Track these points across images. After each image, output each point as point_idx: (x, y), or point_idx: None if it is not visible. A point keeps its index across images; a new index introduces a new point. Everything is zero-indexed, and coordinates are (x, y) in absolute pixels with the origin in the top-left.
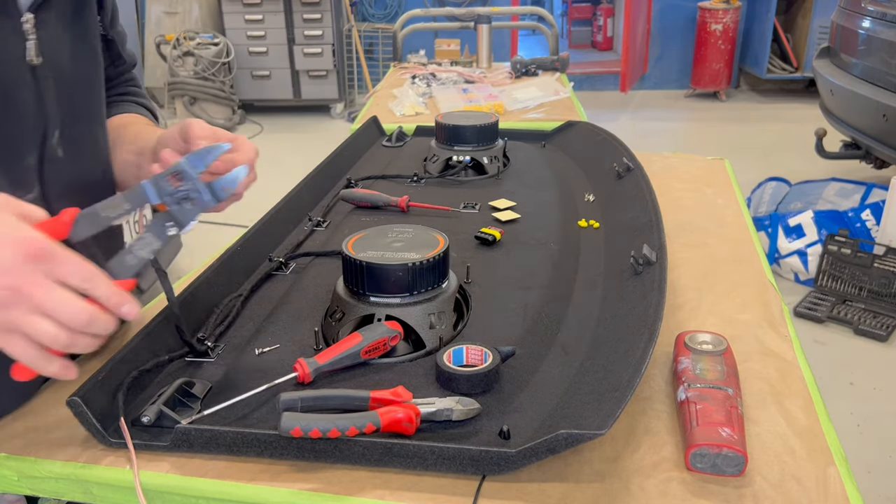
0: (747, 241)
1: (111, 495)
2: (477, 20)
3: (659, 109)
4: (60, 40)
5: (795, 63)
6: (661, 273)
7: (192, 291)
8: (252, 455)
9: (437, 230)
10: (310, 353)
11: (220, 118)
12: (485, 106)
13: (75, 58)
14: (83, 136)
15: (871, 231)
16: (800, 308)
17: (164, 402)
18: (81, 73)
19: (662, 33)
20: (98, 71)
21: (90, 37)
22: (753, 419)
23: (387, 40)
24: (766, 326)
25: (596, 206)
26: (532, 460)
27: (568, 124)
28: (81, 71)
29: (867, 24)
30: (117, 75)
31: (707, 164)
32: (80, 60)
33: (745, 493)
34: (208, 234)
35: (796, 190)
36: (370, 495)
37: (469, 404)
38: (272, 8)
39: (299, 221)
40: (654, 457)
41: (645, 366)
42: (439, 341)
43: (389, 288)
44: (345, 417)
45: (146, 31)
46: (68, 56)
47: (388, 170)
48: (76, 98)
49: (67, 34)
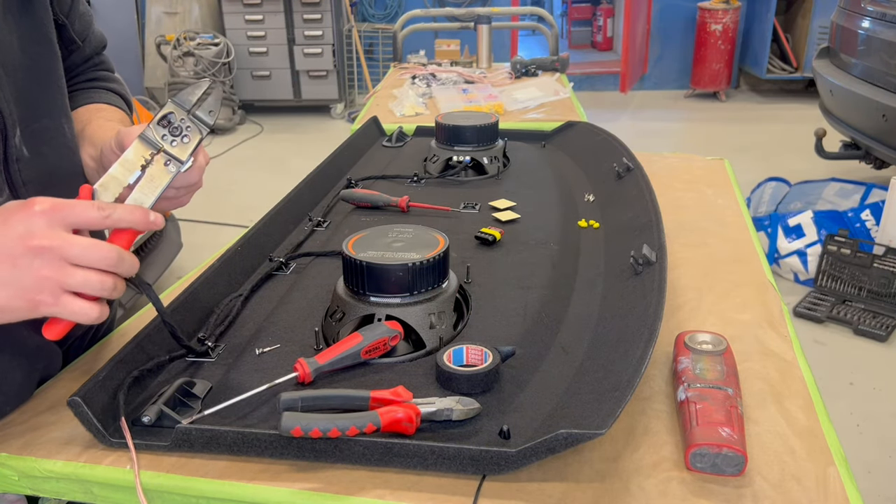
0: (747, 241)
1: (112, 495)
2: (477, 20)
3: (659, 109)
4: (9, 36)
5: (795, 63)
6: (661, 273)
7: (192, 291)
8: (252, 455)
9: (438, 230)
10: (310, 352)
11: (220, 118)
12: (485, 106)
13: (27, 52)
14: (47, 131)
15: (870, 231)
16: (799, 308)
17: (164, 402)
18: (36, 67)
19: (662, 33)
20: (55, 62)
21: (43, 28)
22: (753, 419)
23: (387, 40)
24: (766, 326)
25: (596, 206)
26: (532, 460)
27: (568, 124)
28: (36, 65)
29: (867, 24)
30: (83, 60)
31: (707, 164)
32: (33, 54)
33: (744, 492)
34: (208, 234)
35: (796, 190)
36: (370, 495)
37: (469, 404)
38: (272, 8)
39: (299, 221)
40: (653, 456)
41: (645, 366)
42: (439, 341)
43: (389, 288)
44: (345, 417)
45: (146, 31)
46: (19, 51)
47: (388, 170)
48: (34, 94)
49: (16, 29)
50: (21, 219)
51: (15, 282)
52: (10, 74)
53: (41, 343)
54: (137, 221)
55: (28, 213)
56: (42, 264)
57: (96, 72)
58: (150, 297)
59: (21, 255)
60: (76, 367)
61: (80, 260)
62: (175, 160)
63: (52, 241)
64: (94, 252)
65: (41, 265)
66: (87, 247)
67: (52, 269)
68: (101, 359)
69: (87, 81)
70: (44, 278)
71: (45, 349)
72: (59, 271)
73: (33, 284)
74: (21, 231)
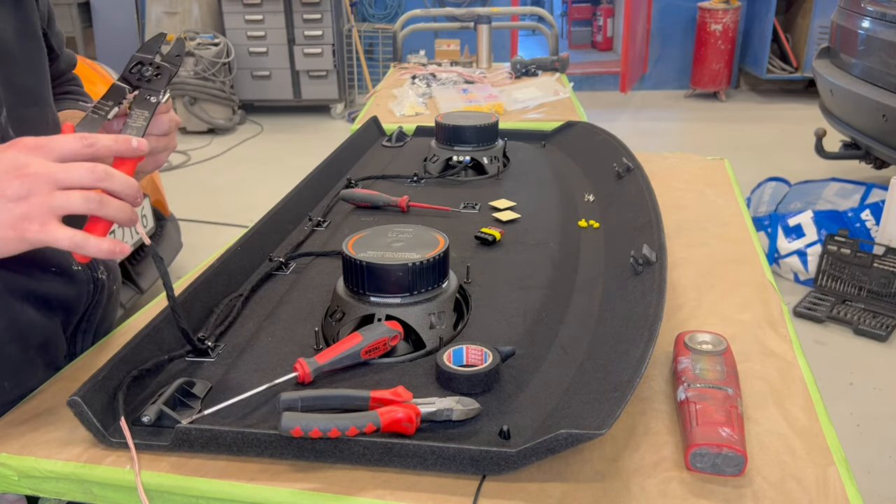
0: (747, 241)
1: (112, 495)
2: (477, 20)
3: (659, 109)
4: (3, 22)
5: (795, 63)
6: (661, 273)
7: (193, 291)
8: (252, 455)
9: (437, 230)
10: (310, 352)
11: (220, 118)
12: (485, 106)
13: (17, 44)
14: (32, 117)
15: (870, 231)
16: (799, 308)
17: (164, 402)
18: (25, 58)
19: (662, 33)
20: (42, 56)
21: (32, 25)
22: (753, 419)
23: (387, 40)
24: (766, 326)
25: (596, 206)
26: (532, 460)
27: (568, 124)
28: (25, 56)
29: (867, 24)
30: (59, 74)
31: (707, 164)
32: (23, 46)
33: (745, 492)
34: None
35: (796, 190)
36: (370, 495)
37: (469, 404)
38: (272, 8)
39: (299, 221)
40: (654, 456)
41: (645, 366)
42: (439, 341)
43: (389, 288)
44: (345, 417)
45: (146, 31)
46: (11, 38)
47: (388, 170)
48: (22, 79)
49: (10, 17)
50: (8, 155)
51: (4, 212)
52: (2, 58)
53: (34, 319)
54: (122, 148)
55: (15, 150)
56: (29, 190)
57: (69, 86)
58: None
59: (8, 185)
60: (76, 367)
61: (66, 182)
62: (153, 92)
63: (38, 168)
64: (78, 170)
65: (28, 191)
66: (71, 168)
67: (40, 195)
68: (101, 358)
69: (62, 94)
70: (31, 205)
71: (40, 325)
72: (46, 196)
73: (22, 212)
74: (8, 165)
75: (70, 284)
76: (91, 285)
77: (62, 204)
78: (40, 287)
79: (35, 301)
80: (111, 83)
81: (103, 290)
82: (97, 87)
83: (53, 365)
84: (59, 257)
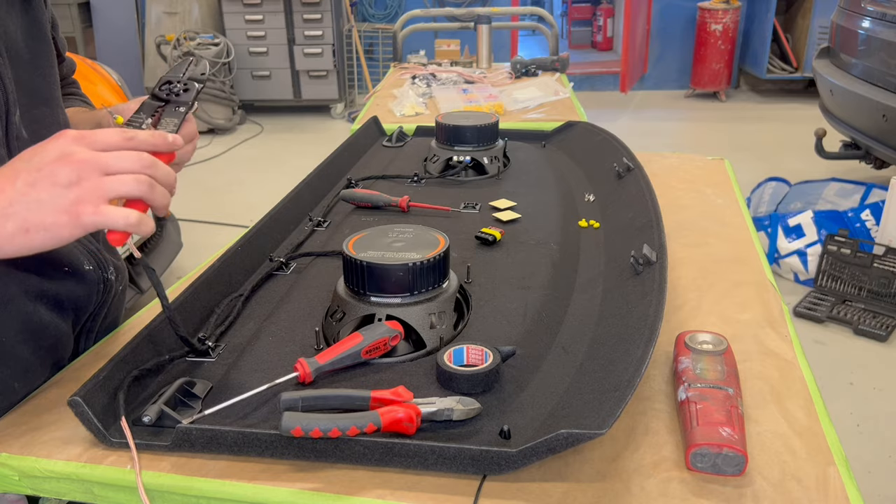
0: (747, 241)
1: (112, 495)
2: (477, 20)
3: (659, 109)
4: (13, 24)
5: (795, 63)
6: (661, 273)
7: (193, 291)
8: (253, 455)
9: (438, 230)
10: (310, 352)
11: (220, 118)
12: (485, 106)
13: (28, 45)
14: (44, 117)
15: (870, 231)
16: (799, 308)
17: (164, 402)
18: (36, 59)
19: (662, 33)
20: (51, 58)
21: (42, 27)
22: (753, 419)
23: (387, 40)
24: (766, 326)
25: (596, 206)
26: (532, 460)
27: (568, 124)
28: (36, 58)
29: (867, 24)
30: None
31: (707, 164)
32: (33, 48)
33: (745, 492)
34: (208, 234)
35: (796, 190)
36: (370, 495)
37: (469, 404)
38: (272, 8)
39: (300, 221)
40: (654, 456)
41: (645, 365)
42: (440, 341)
43: (390, 288)
44: (345, 417)
45: (146, 31)
46: (22, 39)
47: (388, 170)
48: (33, 80)
49: (19, 19)
50: (55, 145)
51: (57, 198)
52: (13, 60)
53: (46, 319)
54: (158, 142)
55: (60, 141)
56: (80, 176)
57: (71, 88)
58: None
59: (59, 172)
60: (76, 367)
61: (115, 168)
62: (181, 103)
63: (85, 155)
64: (127, 157)
65: (79, 177)
66: (120, 155)
67: (91, 180)
68: (102, 358)
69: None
70: (83, 189)
71: (52, 326)
72: (97, 180)
73: (75, 196)
74: (56, 154)
75: (81, 284)
76: (101, 285)
77: (115, 187)
78: (53, 287)
79: (48, 301)
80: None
81: (111, 290)
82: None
83: (59, 365)
84: (72, 257)
